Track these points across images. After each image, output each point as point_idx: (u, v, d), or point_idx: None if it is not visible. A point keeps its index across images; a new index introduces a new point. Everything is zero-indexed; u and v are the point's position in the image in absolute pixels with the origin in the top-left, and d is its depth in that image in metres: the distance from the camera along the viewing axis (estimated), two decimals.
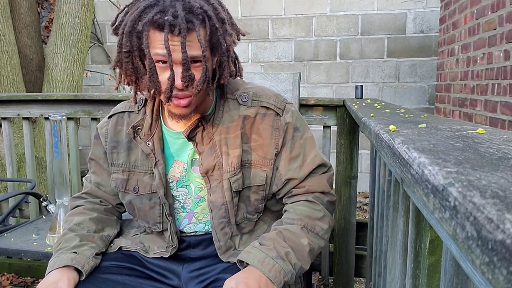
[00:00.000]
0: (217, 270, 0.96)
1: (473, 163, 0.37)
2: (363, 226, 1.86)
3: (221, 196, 0.93)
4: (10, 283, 2.08)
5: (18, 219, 2.08)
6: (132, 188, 0.97)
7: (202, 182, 0.96)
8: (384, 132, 0.63)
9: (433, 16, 3.56)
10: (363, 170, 3.72)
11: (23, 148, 2.76)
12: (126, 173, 0.97)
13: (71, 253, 0.89)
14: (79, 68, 3.30)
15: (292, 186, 0.97)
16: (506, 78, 2.06)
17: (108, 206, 1.05)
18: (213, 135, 0.93)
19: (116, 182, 0.98)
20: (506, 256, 0.21)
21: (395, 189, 0.82)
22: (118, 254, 0.98)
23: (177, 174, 0.96)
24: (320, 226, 0.94)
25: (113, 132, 0.99)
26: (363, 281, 2.20)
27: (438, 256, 0.58)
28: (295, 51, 3.79)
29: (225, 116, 0.93)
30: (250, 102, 0.95)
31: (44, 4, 3.95)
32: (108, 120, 1.01)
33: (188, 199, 0.98)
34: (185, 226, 1.00)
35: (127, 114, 0.99)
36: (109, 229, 1.01)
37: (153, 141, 0.94)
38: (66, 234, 0.95)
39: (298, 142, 0.96)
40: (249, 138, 0.94)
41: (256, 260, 0.83)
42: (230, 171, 0.92)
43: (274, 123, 0.94)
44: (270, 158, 0.94)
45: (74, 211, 1.02)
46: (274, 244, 0.86)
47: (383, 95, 3.73)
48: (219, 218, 0.94)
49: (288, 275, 0.84)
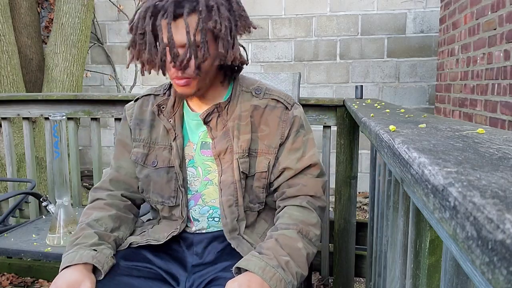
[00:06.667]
0: (217, 269, 0.96)
1: (473, 163, 0.37)
2: (363, 226, 1.86)
3: (231, 175, 0.98)
4: (10, 283, 2.08)
5: (18, 219, 2.08)
6: (150, 163, 1.03)
7: (210, 165, 1.01)
8: (384, 132, 0.63)
9: (433, 16, 3.56)
10: (363, 170, 3.72)
11: (23, 148, 2.76)
12: (146, 148, 1.04)
13: (91, 250, 0.90)
14: (79, 68, 3.30)
15: (287, 176, 1.00)
16: (506, 78, 2.06)
17: (127, 202, 1.06)
18: (227, 121, 1.00)
19: (136, 156, 1.04)
20: (506, 256, 0.21)
21: (395, 189, 0.82)
22: (128, 253, 0.98)
23: (190, 153, 1.03)
24: (313, 232, 0.96)
25: (138, 112, 1.07)
26: (363, 281, 2.20)
27: (438, 256, 0.58)
28: (295, 51, 3.79)
29: (239, 106, 1.01)
30: (262, 95, 1.03)
31: (44, 4, 3.95)
32: (135, 103, 1.10)
33: (195, 181, 1.03)
34: (191, 207, 1.03)
35: (152, 97, 1.08)
36: (125, 228, 1.03)
37: (175, 118, 1.02)
38: (85, 229, 0.96)
39: (301, 137, 1.02)
40: (257, 128, 1.00)
41: (257, 268, 0.83)
42: (239, 152, 0.98)
43: (282, 116, 1.01)
44: (275, 147, 1.00)
45: (94, 204, 1.04)
46: (274, 253, 0.86)
47: (383, 95, 3.73)
48: (227, 196, 0.98)
49: (288, 286, 0.84)
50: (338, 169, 1.76)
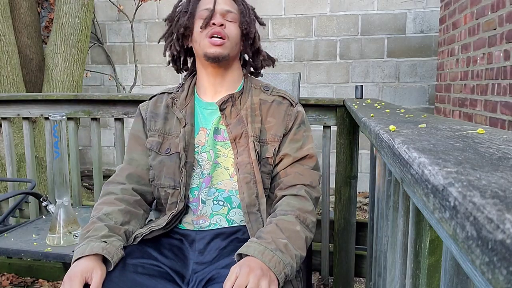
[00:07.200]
0: (219, 266, 0.97)
1: (473, 163, 0.37)
2: (363, 226, 1.86)
3: (247, 156, 1.05)
4: (10, 283, 2.08)
5: (18, 219, 2.08)
6: (164, 150, 1.10)
7: (221, 150, 1.09)
8: (384, 132, 0.63)
9: (433, 16, 3.57)
10: (363, 170, 3.72)
11: (23, 148, 2.76)
12: (161, 137, 1.12)
13: (101, 241, 0.92)
14: (79, 68, 3.30)
15: (286, 164, 1.07)
16: (506, 78, 2.06)
17: (138, 197, 1.10)
18: (240, 110, 1.10)
19: (152, 144, 1.12)
20: (506, 256, 0.21)
21: (395, 189, 0.82)
22: (133, 249, 0.99)
23: (202, 140, 1.11)
24: (310, 218, 1.02)
25: (152, 107, 1.17)
26: (363, 281, 2.20)
27: (438, 256, 0.58)
28: (295, 51, 3.79)
29: (250, 98, 1.12)
30: (270, 91, 1.15)
31: (44, 4, 3.95)
32: (149, 101, 1.20)
33: (207, 164, 1.09)
34: (202, 189, 1.08)
35: (166, 94, 1.18)
36: (135, 223, 1.06)
37: (186, 110, 1.12)
38: (95, 223, 0.99)
39: (302, 131, 1.12)
40: (265, 120, 1.10)
41: (257, 252, 0.87)
42: (253, 135, 1.07)
43: (287, 110, 1.12)
44: (280, 136, 1.09)
45: (104, 199, 1.06)
46: (272, 237, 0.91)
47: (383, 95, 3.73)
48: (244, 174, 1.04)
49: (287, 267, 0.88)
50: (338, 169, 1.76)
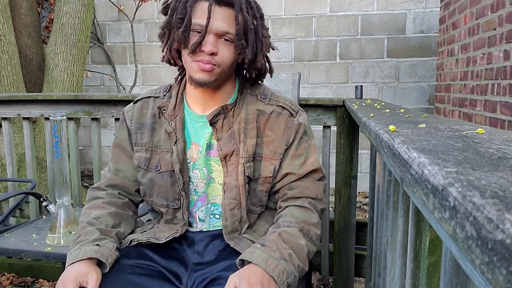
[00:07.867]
0: (219, 268, 0.96)
1: (473, 163, 0.37)
2: (363, 226, 1.86)
3: (235, 179, 0.99)
4: (10, 283, 2.08)
5: (18, 219, 2.08)
6: (154, 167, 1.02)
7: (214, 166, 1.02)
8: (384, 132, 0.63)
9: (433, 16, 3.57)
10: (363, 170, 3.72)
11: (23, 148, 2.76)
12: (149, 152, 1.03)
13: (94, 245, 0.90)
14: (79, 68, 3.30)
15: (289, 180, 1.02)
16: (505, 78, 2.06)
17: (125, 199, 1.07)
18: (232, 123, 1.00)
19: (139, 160, 1.04)
20: (505, 256, 0.21)
21: (395, 189, 0.82)
22: (130, 251, 0.98)
23: (194, 156, 1.03)
24: (314, 231, 0.98)
25: (138, 115, 1.06)
26: (363, 281, 2.20)
27: (438, 256, 0.58)
28: (295, 51, 3.79)
29: (245, 108, 1.02)
30: (268, 100, 1.04)
31: (44, 4, 3.95)
32: (134, 105, 1.08)
33: (200, 183, 1.03)
34: (198, 208, 1.04)
35: (152, 99, 1.07)
36: (125, 225, 1.04)
37: (176, 121, 1.01)
38: (86, 227, 0.96)
39: (304, 144, 1.04)
40: (263, 133, 1.01)
41: (260, 259, 0.84)
42: (245, 156, 0.98)
43: (287, 122, 1.02)
44: (280, 153, 1.01)
45: (92, 204, 1.04)
46: (277, 245, 0.88)
47: (383, 95, 3.73)
48: (229, 199, 0.99)
49: (290, 277, 0.85)
50: (338, 169, 1.76)
